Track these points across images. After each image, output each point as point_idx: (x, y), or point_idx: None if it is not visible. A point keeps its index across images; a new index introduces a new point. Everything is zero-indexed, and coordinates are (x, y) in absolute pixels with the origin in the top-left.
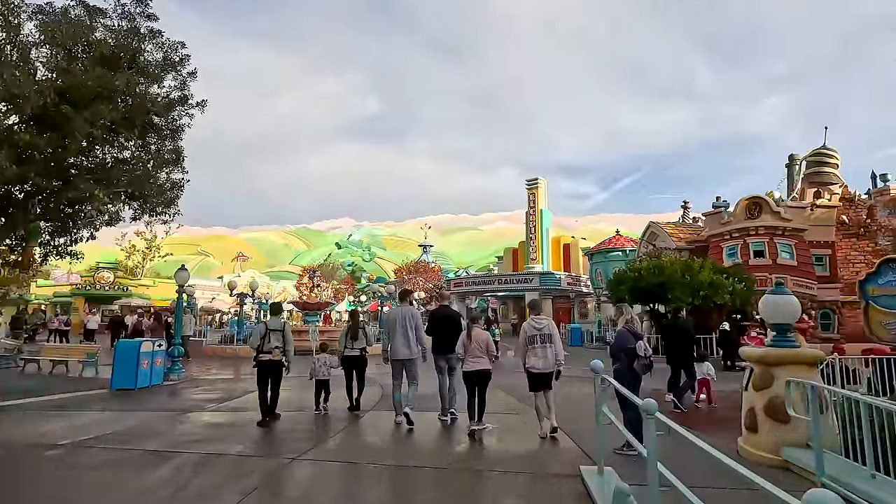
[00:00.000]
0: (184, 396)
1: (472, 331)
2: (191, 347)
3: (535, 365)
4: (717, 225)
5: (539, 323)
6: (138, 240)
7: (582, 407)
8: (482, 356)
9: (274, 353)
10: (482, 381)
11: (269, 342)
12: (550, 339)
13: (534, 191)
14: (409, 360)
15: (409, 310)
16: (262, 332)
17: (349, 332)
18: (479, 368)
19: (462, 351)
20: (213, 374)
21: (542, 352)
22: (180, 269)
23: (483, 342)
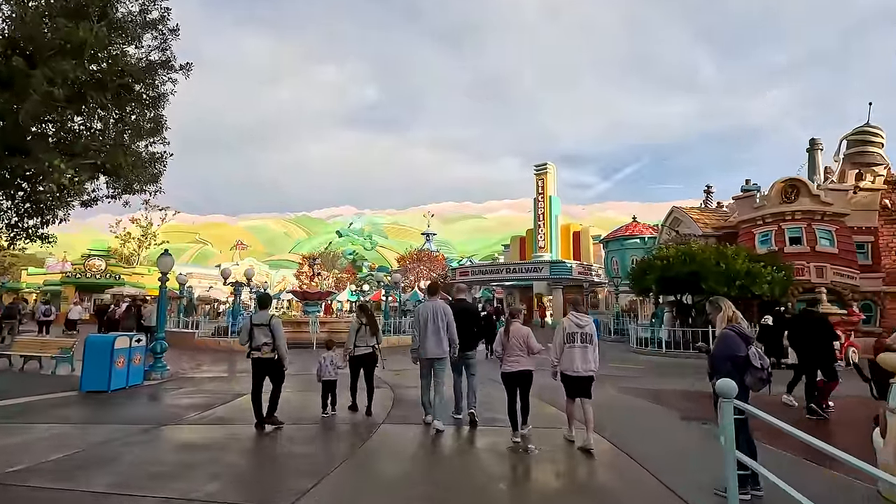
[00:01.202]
0: (163, 401)
1: (511, 326)
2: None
3: (574, 367)
4: (748, 209)
5: (582, 320)
6: (134, 227)
7: (628, 417)
8: (523, 355)
9: (263, 351)
10: (524, 383)
11: (257, 339)
12: (591, 340)
13: (542, 176)
14: (440, 358)
15: (439, 305)
16: (247, 328)
17: (363, 328)
18: (521, 369)
19: (500, 349)
20: (203, 371)
21: (581, 353)
22: (163, 254)
23: (523, 339)
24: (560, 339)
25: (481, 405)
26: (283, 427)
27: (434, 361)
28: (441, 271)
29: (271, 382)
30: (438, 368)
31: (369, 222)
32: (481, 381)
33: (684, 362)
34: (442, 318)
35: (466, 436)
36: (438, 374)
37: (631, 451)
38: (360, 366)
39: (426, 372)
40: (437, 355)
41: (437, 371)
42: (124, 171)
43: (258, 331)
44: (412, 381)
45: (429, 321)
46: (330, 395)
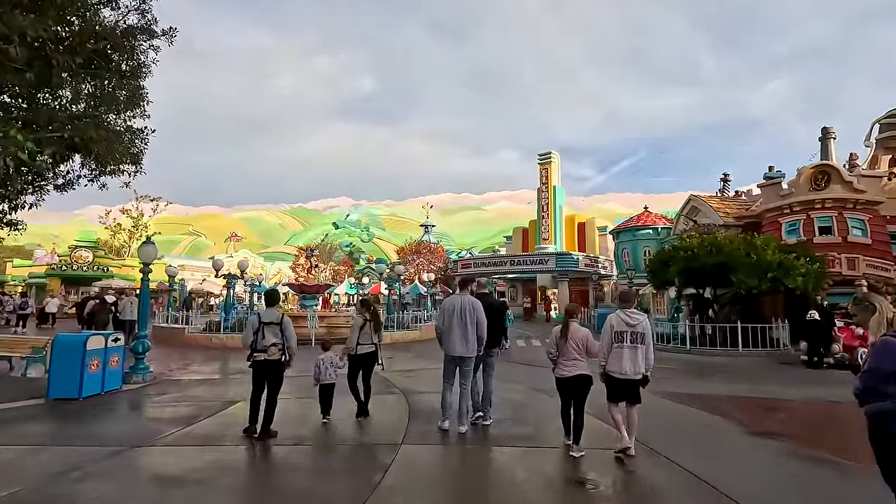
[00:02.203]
0: (141, 412)
1: (569, 326)
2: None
3: (622, 369)
4: (774, 197)
5: (633, 318)
6: (125, 219)
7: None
8: (580, 358)
9: (270, 352)
10: (581, 389)
11: (264, 338)
12: (643, 340)
13: (546, 166)
14: (465, 357)
15: (468, 300)
16: (254, 326)
17: (367, 324)
18: (578, 374)
19: (553, 351)
20: (191, 372)
21: (631, 354)
22: (145, 243)
23: (581, 341)
24: (608, 338)
25: (511, 417)
26: (284, 444)
27: (460, 361)
28: (441, 264)
29: (268, 387)
30: (465, 370)
31: (366, 214)
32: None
33: (714, 361)
34: (471, 312)
35: (505, 459)
36: (465, 375)
37: (712, 478)
38: (360, 365)
39: (450, 371)
40: (463, 354)
41: (464, 372)
42: (97, 147)
43: (268, 330)
44: (427, 385)
45: (455, 316)
46: (328, 400)
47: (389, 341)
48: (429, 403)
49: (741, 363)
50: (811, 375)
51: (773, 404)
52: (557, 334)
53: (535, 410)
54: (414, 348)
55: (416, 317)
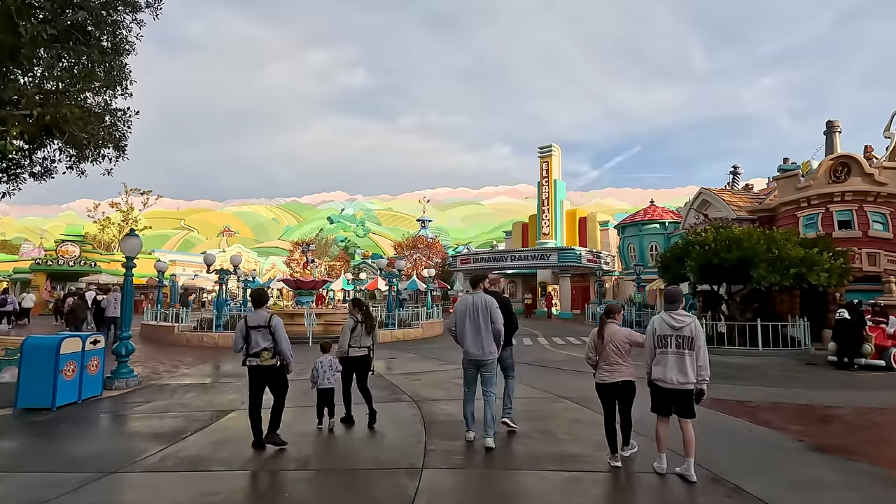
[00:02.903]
0: (121, 425)
1: (607, 327)
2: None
3: (668, 378)
4: (790, 190)
5: (678, 320)
6: (115, 214)
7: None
8: (622, 363)
9: (263, 357)
10: (625, 396)
11: (254, 343)
12: (691, 345)
13: (547, 159)
14: (483, 361)
15: (481, 297)
16: (242, 331)
17: (359, 326)
18: (620, 380)
19: (592, 355)
20: (181, 375)
21: (677, 360)
22: (129, 235)
23: (622, 343)
24: (650, 343)
25: (542, 431)
26: (286, 469)
27: (480, 365)
28: (440, 259)
29: (272, 393)
30: (486, 375)
31: (361, 208)
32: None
33: (734, 361)
34: (483, 310)
35: (547, 488)
36: (486, 381)
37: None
38: (353, 370)
39: (470, 377)
40: (482, 357)
41: (485, 378)
42: (71, 128)
43: (255, 334)
44: (439, 390)
45: (467, 317)
46: (326, 405)
47: (390, 340)
48: (445, 413)
49: (763, 364)
50: (845, 378)
51: (821, 412)
52: (595, 336)
53: (566, 423)
54: (417, 348)
55: (416, 314)
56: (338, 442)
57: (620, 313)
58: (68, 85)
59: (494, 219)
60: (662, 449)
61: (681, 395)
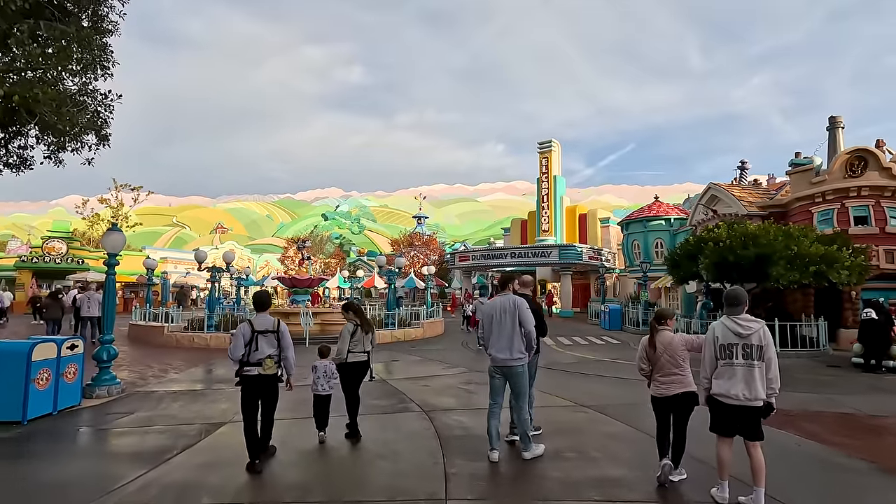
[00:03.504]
0: (98, 442)
1: (659, 335)
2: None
3: (732, 392)
4: (804, 185)
5: (745, 326)
6: (105, 210)
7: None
8: (679, 373)
9: (266, 366)
10: (683, 408)
11: (258, 350)
12: (761, 355)
13: (546, 154)
14: (511, 367)
15: (509, 299)
16: (246, 337)
17: (358, 329)
18: (678, 392)
19: (645, 366)
20: (169, 381)
21: (745, 373)
22: (110, 230)
23: (680, 351)
24: (710, 354)
25: (573, 448)
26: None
27: (508, 373)
28: (437, 256)
29: (261, 406)
30: (515, 383)
31: (357, 205)
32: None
33: None
34: (512, 312)
35: None
36: (516, 389)
37: None
38: (352, 376)
39: (497, 386)
40: (511, 363)
41: (514, 385)
42: (42, 109)
43: (262, 340)
44: (451, 398)
45: (494, 319)
46: (323, 413)
47: (390, 340)
48: (460, 426)
49: (782, 366)
50: (874, 381)
51: (868, 422)
52: (646, 346)
53: (596, 438)
54: (419, 349)
55: (416, 313)
56: (344, 463)
57: (673, 318)
58: (40, 63)
59: (491, 216)
60: (724, 475)
61: (748, 413)
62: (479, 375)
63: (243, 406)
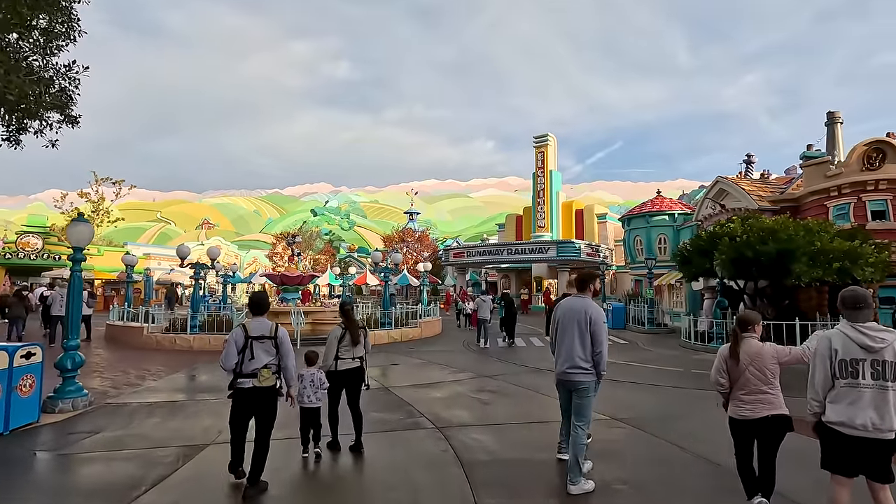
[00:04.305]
0: (52, 473)
1: (744, 344)
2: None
3: (855, 421)
4: (818, 178)
5: (875, 337)
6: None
7: None
8: (769, 390)
9: (262, 377)
10: (772, 436)
11: (253, 359)
12: (894, 376)
13: (543, 149)
14: (581, 386)
15: (585, 304)
16: (239, 343)
17: (346, 335)
18: (767, 415)
19: (722, 381)
20: (145, 390)
21: (875, 397)
22: (76, 220)
23: (770, 364)
24: (823, 373)
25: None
26: None
27: (571, 388)
28: (430, 253)
29: (257, 424)
30: (580, 402)
31: (346, 201)
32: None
33: None
34: (581, 319)
35: None
36: (578, 410)
37: None
38: (342, 385)
39: (566, 402)
40: (575, 380)
41: (577, 406)
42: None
43: (258, 347)
44: (464, 411)
45: (568, 326)
46: (312, 428)
47: (387, 341)
48: (483, 448)
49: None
50: None
51: None
52: (726, 357)
53: (645, 462)
54: (418, 350)
55: (413, 312)
56: (349, 500)
57: (759, 323)
58: None
59: (484, 212)
60: None
61: (878, 448)
62: (489, 381)
63: (231, 421)
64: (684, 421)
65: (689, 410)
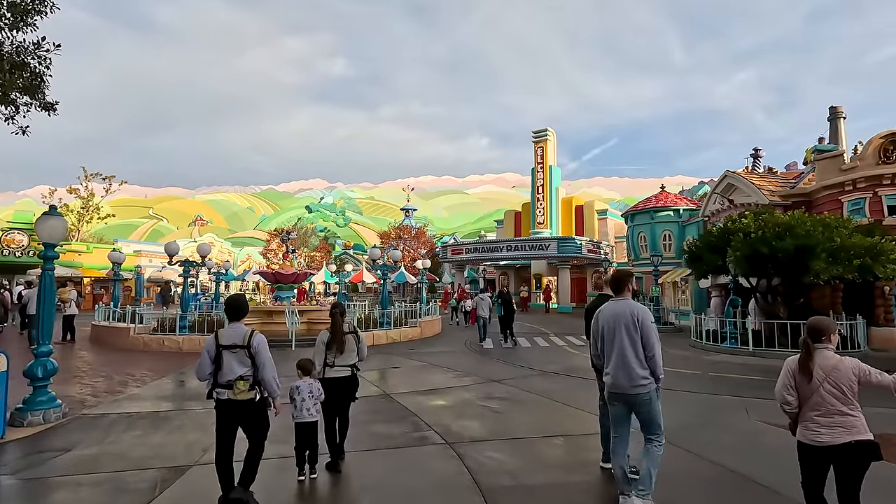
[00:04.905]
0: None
1: (817, 356)
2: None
3: None
4: (833, 172)
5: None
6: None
7: None
8: (849, 411)
9: (237, 389)
10: (854, 465)
11: (227, 370)
12: None
13: (542, 144)
14: (641, 395)
15: (629, 306)
16: (211, 353)
17: (335, 341)
18: (848, 440)
19: (791, 399)
20: (128, 398)
21: None
22: (46, 213)
23: (849, 381)
24: None
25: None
26: None
27: (631, 402)
28: (427, 250)
29: (247, 436)
30: (647, 414)
31: (342, 197)
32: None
33: None
34: (629, 324)
35: None
36: (648, 422)
37: None
38: (333, 396)
39: (619, 415)
40: (635, 392)
41: (645, 418)
42: None
43: (230, 357)
44: (475, 422)
45: (613, 332)
46: (309, 447)
47: (386, 342)
48: (503, 468)
49: None
50: None
51: None
52: (795, 371)
53: (705, 486)
54: (419, 351)
55: (414, 311)
56: None
57: (836, 332)
58: None
59: (480, 208)
60: None
61: None
62: (497, 387)
63: (217, 435)
64: (708, 431)
65: (712, 419)
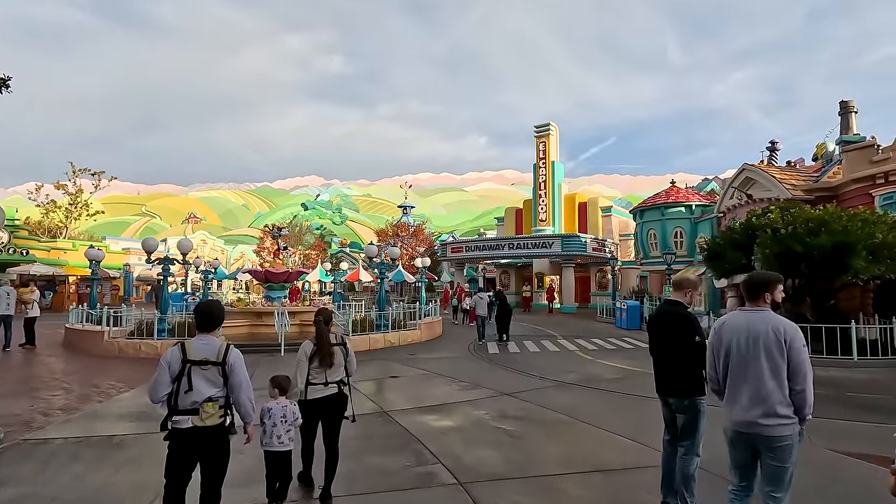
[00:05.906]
0: None
1: None
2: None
3: None
4: (863, 164)
5: None
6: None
7: None
8: None
9: (204, 413)
10: None
11: (192, 390)
12: None
13: (544, 139)
14: (779, 439)
15: (770, 320)
16: (174, 368)
17: (320, 354)
18: None
19: None
20: (85, 416)
21: None
22: None
23: None
24: None
25: None
26: None
27: (763, 445)
28: (426, 248)
29: (203, 476)
30: (778, 467)
31: (338, 194)
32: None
33: (839, 376)
34: (771, 345)
35: None
36: (775, 476)
37: None
38: (316, 417)
39: (741, 460)
40: (772, 434)
41: (774, 472)
42: None
43: (197, 376)
44: (490, 450)
45: (749, 356)
46: (279, 478)
47: (383, 345)
48: None
49: (875, 380)
50: None
51: None
52: None
53: None
54: (419, 357)
55: (413, 312)
56: None
57: None
58: None
59: (479, 205)
60: None
61: None
62: (510, 402)
63: (168, 473)
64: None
65: None
